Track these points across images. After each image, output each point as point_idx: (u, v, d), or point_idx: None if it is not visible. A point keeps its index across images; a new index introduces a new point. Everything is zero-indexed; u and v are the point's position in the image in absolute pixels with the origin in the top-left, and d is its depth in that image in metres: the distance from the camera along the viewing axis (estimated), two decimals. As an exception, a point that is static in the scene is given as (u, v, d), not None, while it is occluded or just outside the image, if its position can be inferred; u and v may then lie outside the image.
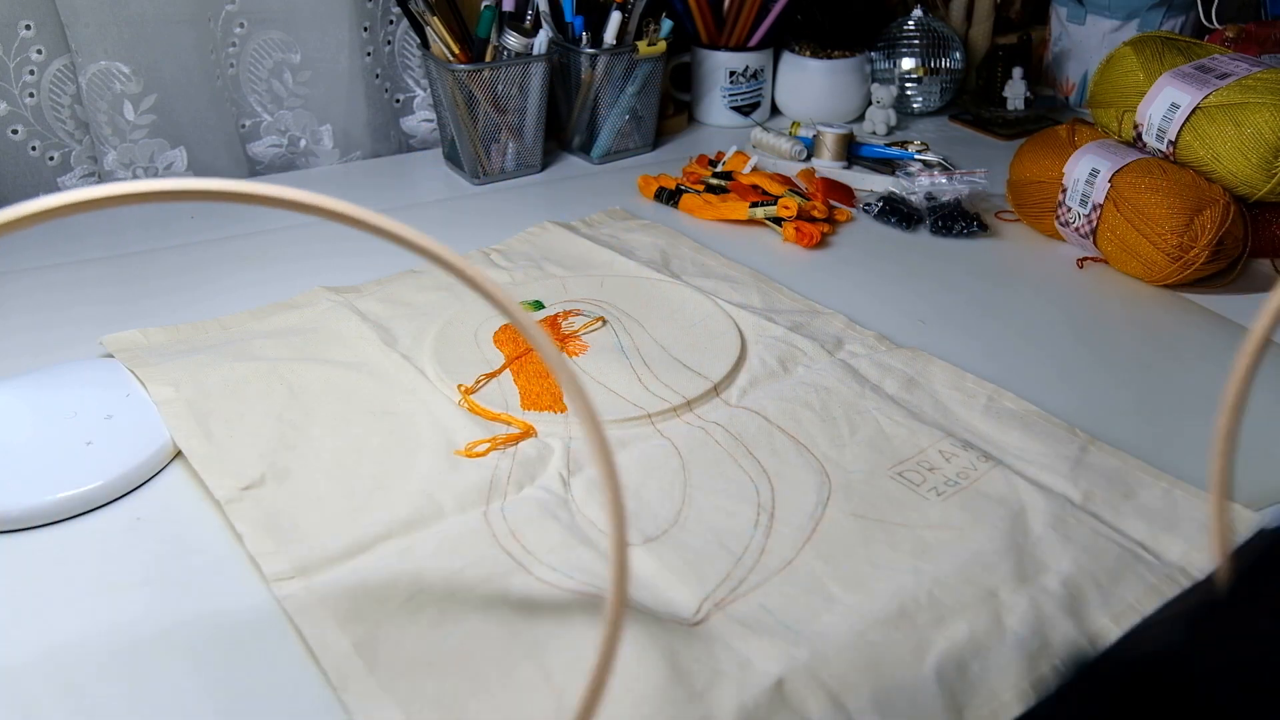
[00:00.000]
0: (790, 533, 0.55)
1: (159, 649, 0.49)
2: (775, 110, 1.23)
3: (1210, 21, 1.12)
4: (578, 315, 0.76)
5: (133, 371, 0.67)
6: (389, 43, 1.07)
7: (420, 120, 1.12)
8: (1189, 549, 0.53)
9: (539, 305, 0.77)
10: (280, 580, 0.52)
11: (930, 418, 0.64)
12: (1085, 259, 0.87)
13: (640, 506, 0.57)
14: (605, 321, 0.75)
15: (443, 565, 0.52)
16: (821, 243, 0.90)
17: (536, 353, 0.69)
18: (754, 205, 0.93)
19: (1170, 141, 0.83)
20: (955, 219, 0.92)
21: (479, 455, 0.61)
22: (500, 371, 0.69)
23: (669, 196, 0.97)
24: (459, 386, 0.67)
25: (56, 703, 0.46)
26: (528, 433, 0.63)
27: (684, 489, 0.58)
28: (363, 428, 0.63)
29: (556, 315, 0.76)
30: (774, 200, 0.93)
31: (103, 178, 0.97)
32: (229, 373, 0.67)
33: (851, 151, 1.07)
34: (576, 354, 0.71)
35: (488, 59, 0.98)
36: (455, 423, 0.64)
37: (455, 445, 0.62)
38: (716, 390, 0.67)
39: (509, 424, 0.64)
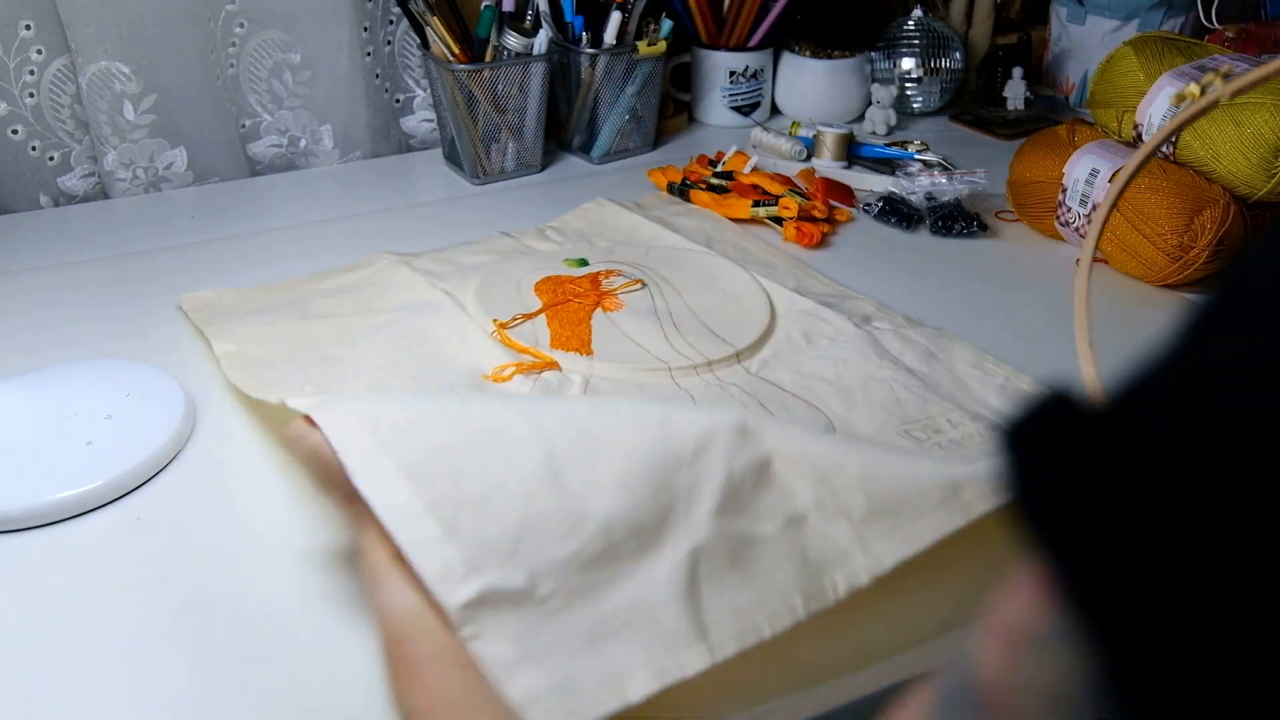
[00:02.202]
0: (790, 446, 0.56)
1: (159, 649, 0.49)
2: (775, 110, 1.23)
3: (1210, 21, 1.12)
4: (618, 275, 0.78)
5: (200, 329, 0.72)
6: (389, 43, 1.07)
7: (420, 120, 1.12)
8: None
9: (584, 262, 0.80)
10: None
11: (945, 390, 0.65)
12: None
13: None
14: (644, 284, 0.77)
15: (479, 409, 0.49)
16: (822, 243, 0.90)
17: (574, 303, 0.74)
18: (756, 205, 0.93)
19: (1170, 141, 0.83)
20: (955, 219, 0.92)
21: (504, 379, 0.65)
22: (536, 314, 0.73)
23: (680, 190, 0.99)
24: (494, 320, 0.71)
25: (57, 703, 0.46)
26: (551, 365, 0.67)
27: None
28: (399, 354, 0.67)
29: (598, 273, 0.78)
30: (775, 200, 0.93)
31: (102, 178, 0.97)
32: (287, 331, 0.71)
33: (851, 151, 1.07)
34: (611, 309, 0.74)
35: (488, 59, 0.98)
36: (487, 353, 0.68)
37: (482, 369, 0.66)
38: (739, 357, 0.69)
39: (536, 358, 0.68)
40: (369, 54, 1.05)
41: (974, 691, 0.21)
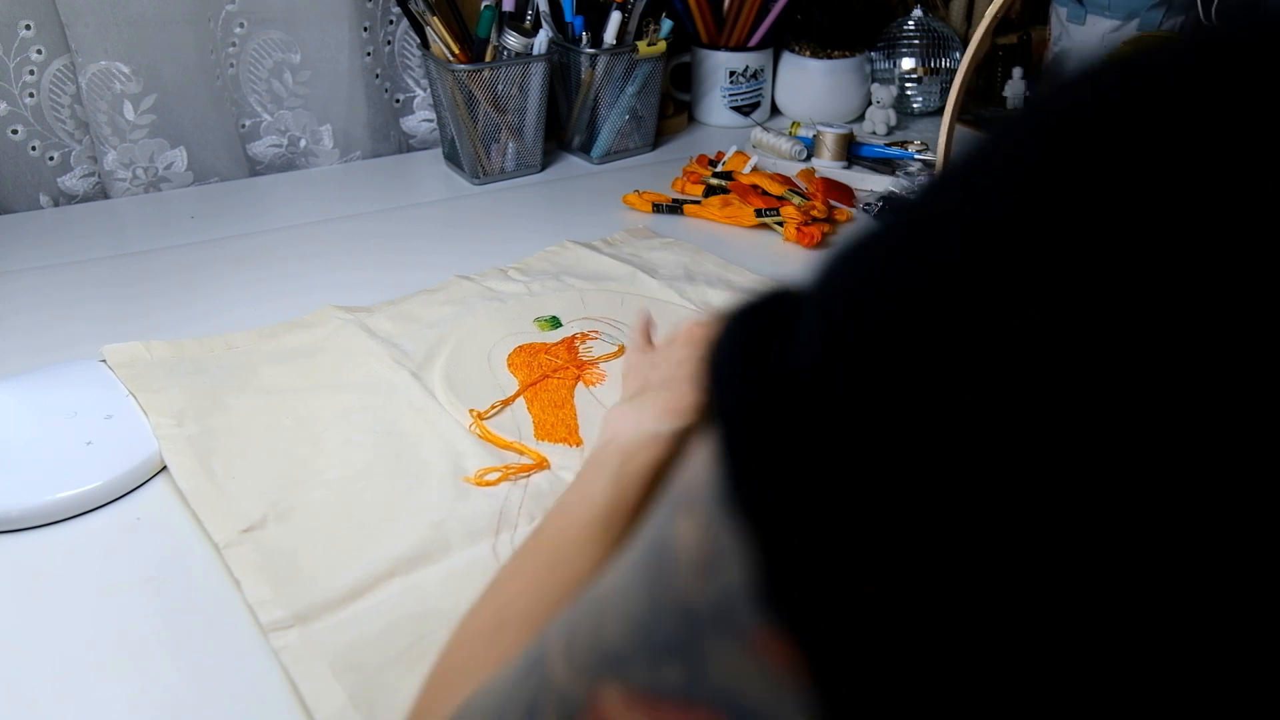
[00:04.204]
0: None
1: (159, 649, 0.49)
2: (775, 110, 1.23)
3: (1210, 21, 1.12)
4: (596, 338, 0.73)
5: (134, 395, 0.65)
6: (389, 43, 1.07)
7: (420, 120, 1.12)
8: None
9: (556, 323, 0.74)
10: (277, 630, 0.49)
11: None
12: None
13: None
14: (625, 350, 0.71)
15: (447, 608, 0.50)
16: (822, 242, 0.90)
17: (553, 380, 0.68)
18: (759, 213, 0.93)
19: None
20: (955, 219, 0.92)
21: (489, 484, 0.59)
22: (514, 398, 0.66)
23: (669, 208, 0.97)
24: (470, 411, 0.64)
25: (56, 703, 0.46)
26: (540, 465, 0.61)
27: None
28: (369, 452, 0.61)
29: (574, 337, 0.73)
30: (777, 210, 0.93)
31: (102, 178, 0.97)
32: (234, 409, 0.64)
33: (851, 151, 1.07)
34: (594, 384, 0.68)
35: (488, 59, 0.98)
36: (465, 448, 0.61)
37: (464, 471, 0.59)
38: None
39: (521, 453, 0.62)
40: (369, 54, 1.05)
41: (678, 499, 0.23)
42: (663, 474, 0.48)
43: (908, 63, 1.19)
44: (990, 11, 0.62)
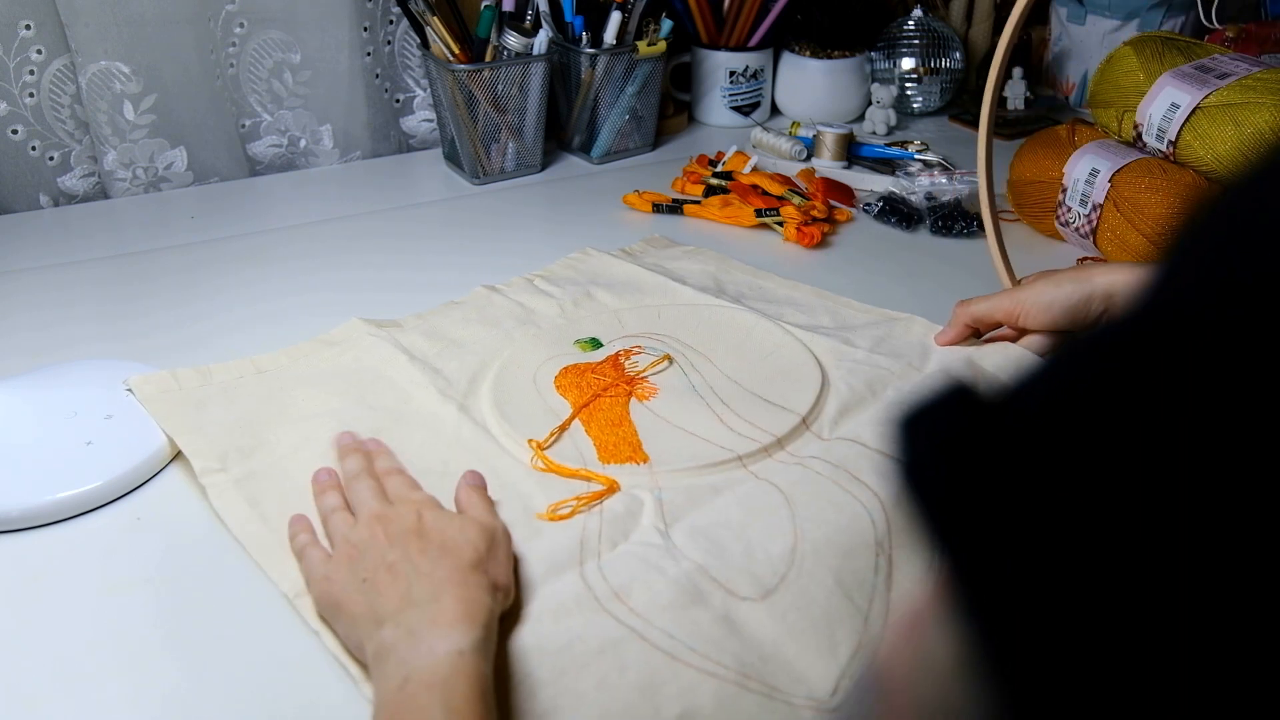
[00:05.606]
0: (914, 574, 0.51)
1: (159, 649, 0.49)
2: (775, 110, 1.23)
3: (1210, 21, 1.12)
4: (639, 353, 0.70)
5: (171, 438, 0.62)
6: (389, 43, 1.07)
7: (420, 120, 1.12)
8: None
9: (596, 344, 0.72)
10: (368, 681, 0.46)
11: None
12: (1085, 259, 0.87)
13: (750, 549, 0.53)
14: (671, 359, 0.70)
15: (548, 642, 0.48)
16: (822, 242, 0.90)
17: (606, 399, 0.65)
18: (759, 213, 0.93)
19: (1170, 141, 0.83)
20: (955, 219, 0.92)
21: (563, 518, 0.56)
22: (569, 422, 0.63)
23: (669, 208, 0.97)
24: (530, 442, 0.61)
25: (56, 703, 0.46)
26: (612, 489, 0.58)
27: (794, 526, 0.54)
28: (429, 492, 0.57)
29: (617, 354, 0.70)
30: (777, 210, 0.93)
31: (102, 178, 0.97)
32: (275, 443, 0.61)
33: (851, 151, 1.07)
34: (647, 398, 0.66)
35: (488, 59, 0.98)
36: (528, 484, 0.58)
37: (533, 508, 0.56)
38: (806, 423, 0.63)
39: (589, 480, 0.59)
40: (369, 54, 1.05)
41: (876, 677, 0.20)
42: (487, 687, 0.42)
43: (908, 63, 1.19)
44: (1012, 20, 0.60)
